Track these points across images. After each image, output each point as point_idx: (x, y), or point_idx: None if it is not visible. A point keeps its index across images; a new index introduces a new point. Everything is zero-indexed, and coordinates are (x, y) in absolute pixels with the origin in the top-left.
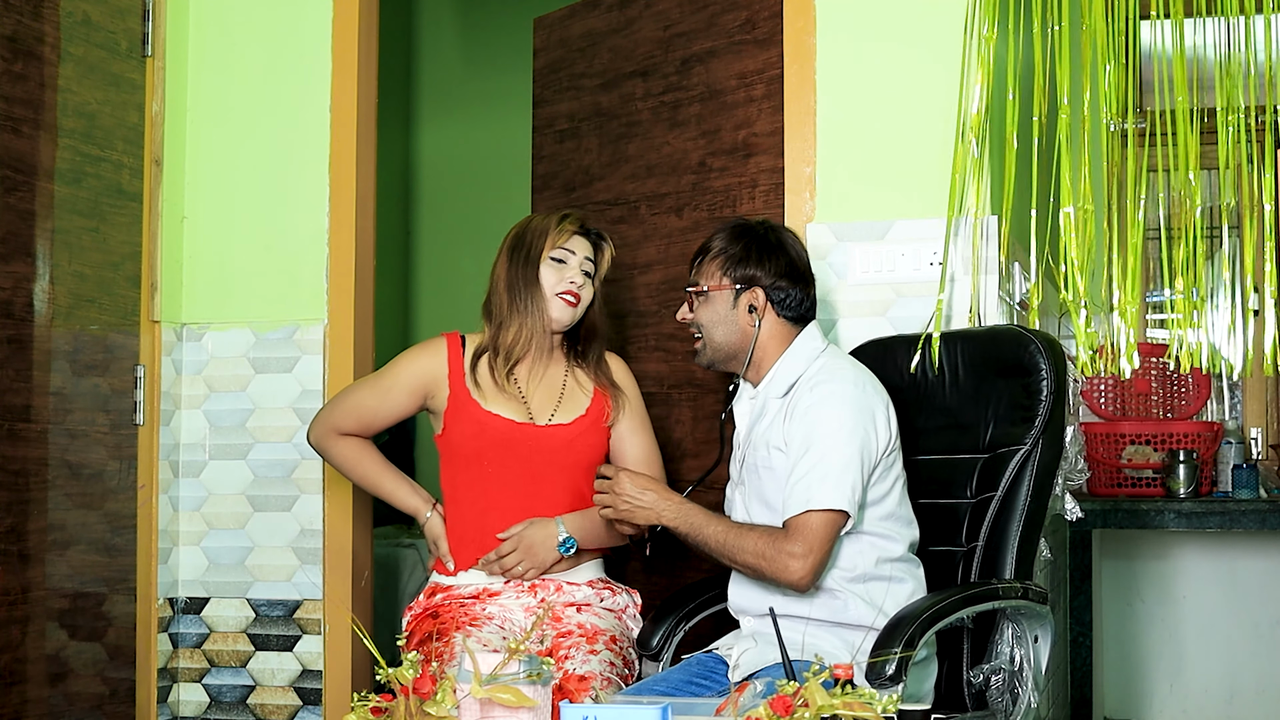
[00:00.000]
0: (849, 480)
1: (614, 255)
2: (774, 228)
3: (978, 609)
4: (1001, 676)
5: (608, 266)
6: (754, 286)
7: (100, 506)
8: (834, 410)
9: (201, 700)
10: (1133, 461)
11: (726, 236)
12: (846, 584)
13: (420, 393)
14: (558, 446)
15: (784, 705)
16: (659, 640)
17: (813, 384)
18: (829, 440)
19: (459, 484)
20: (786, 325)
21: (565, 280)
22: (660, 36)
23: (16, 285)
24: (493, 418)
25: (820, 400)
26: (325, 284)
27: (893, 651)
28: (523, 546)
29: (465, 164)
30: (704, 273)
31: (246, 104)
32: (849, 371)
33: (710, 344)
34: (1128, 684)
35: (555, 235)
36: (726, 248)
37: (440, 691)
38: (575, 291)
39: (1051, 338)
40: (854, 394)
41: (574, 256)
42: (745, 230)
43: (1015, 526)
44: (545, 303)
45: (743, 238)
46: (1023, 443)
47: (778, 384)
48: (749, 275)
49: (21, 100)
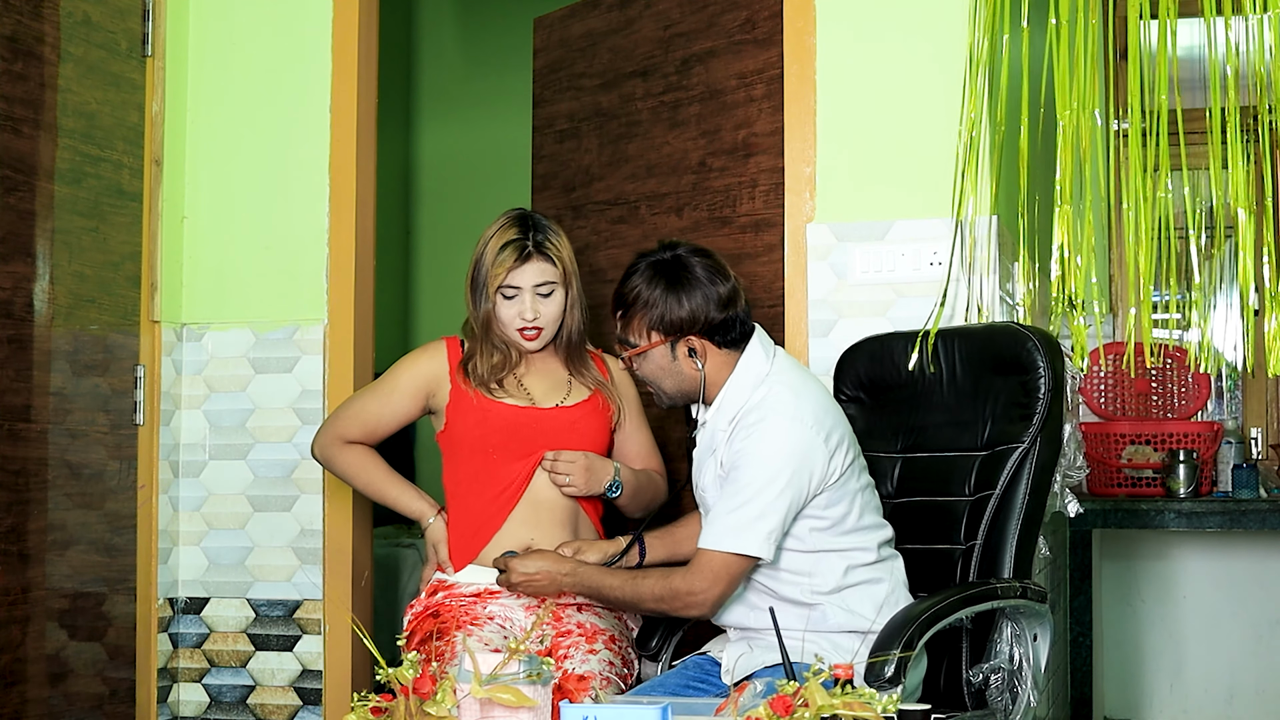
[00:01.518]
0: (765, 528)
1: (569, 248)
2: (681, 259)
3: (976, 609)
4: (1001, 675)
5: (570, 259)
6: (686, 334)
7: (100, 506)
8: (765, 451)
9: (201, 700)
10: (1133, 461)
11: (641, 283)
12: (822, 596)
13: (422, 394)
14: (561, 429)
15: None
16: (657, 640)
17: (749, 420)
18: (754, 485)
19: (462, 478)
20: (730, 353)
21: (518, 317)
22: (660, 36)
23: (16, 285)
24: (495, 404)
25: (754, 439)
26: (325, 284)
27: (891, 653)
28: (582, 464)
29: (465, 164)
30: (631, 330)
31: (246, 104)
32: (788, 404)
33: (664, 393)
34: (1128, 684)
35: (495, 273)
36: (645, 298)
37: (440, 691)
38: (532, 325)
39: (1049, 334)
40: (789, 433)
41: (522, 290)
42: (657, 270)
43: (1014, 525)
44: (510, 335)
45: (657, 281)
46: (1021, 440)
47: (723, 414)
48: (677, 323)
49: (21, 100)
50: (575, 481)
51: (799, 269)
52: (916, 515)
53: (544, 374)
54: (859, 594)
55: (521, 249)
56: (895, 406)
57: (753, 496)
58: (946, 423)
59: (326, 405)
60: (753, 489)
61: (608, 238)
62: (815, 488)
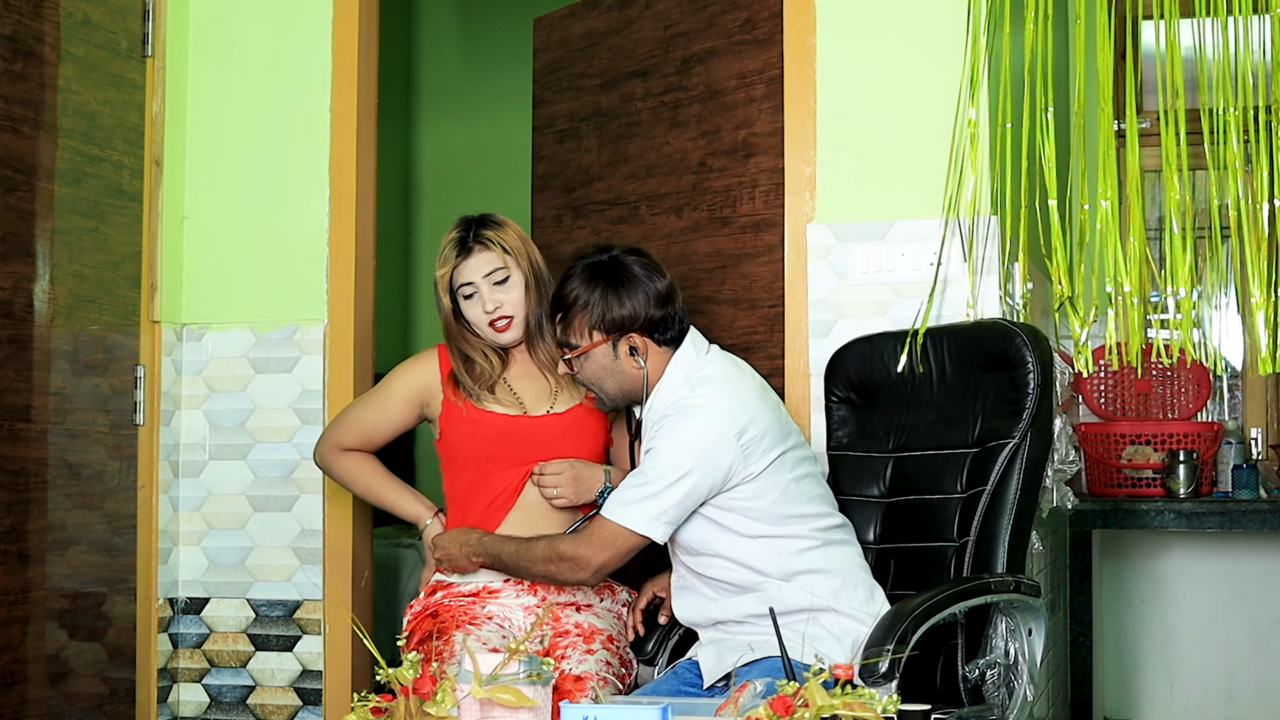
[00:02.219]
0: (656, 508)
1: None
2: (618, 259)
3: (970, 604)
4: (997, 670)
5: (517, 241)
6: (627, 332)
7: (100, 506)
8: (675, 443)
9: (201, 700)
10: (1132, 462)
11: (580, 285)
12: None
13: (416, 404)
14: (554, 436)
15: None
16: (653, 644)
17: (669, 413)
18: (658, 469)
19: (459, 486)
20: (668, 350)
21: (482, 311)
22: (660, 36)
23: (16, 285)
24: (485, 414)
25: (667, 432)
26: (325, 284)
27: (885, 649)
28: (569, 475)
29: (465, 164)
30: (572, 330)
31: (247, 104)
32: (706, 400)
33: (606, 395)
34: (1127, 684)
35: (442, 273)
36: (584, 299)
37: (440, 692)
38: (500, 315)
39: (1037, 330)
40: (701, 428)
41: (475, 282)
42: (595, 272)
43: (1006, 520)
44: (486, 334)
45: (596, 282)
46: (1011, 436)
47: (655, 411)
48: (618, 321)
49: (21, 100)
50: (563, 493)
51: (799, 269)
52: (910, 513)
53: (531, 375)
54: (810, 580)
55: (461, 244)
56: (886, 406)
57: (653, 479)
58: (937, 421)
59: (326, 405)
60: (656, 473)
61: (608, 238)
62: (723, 482)
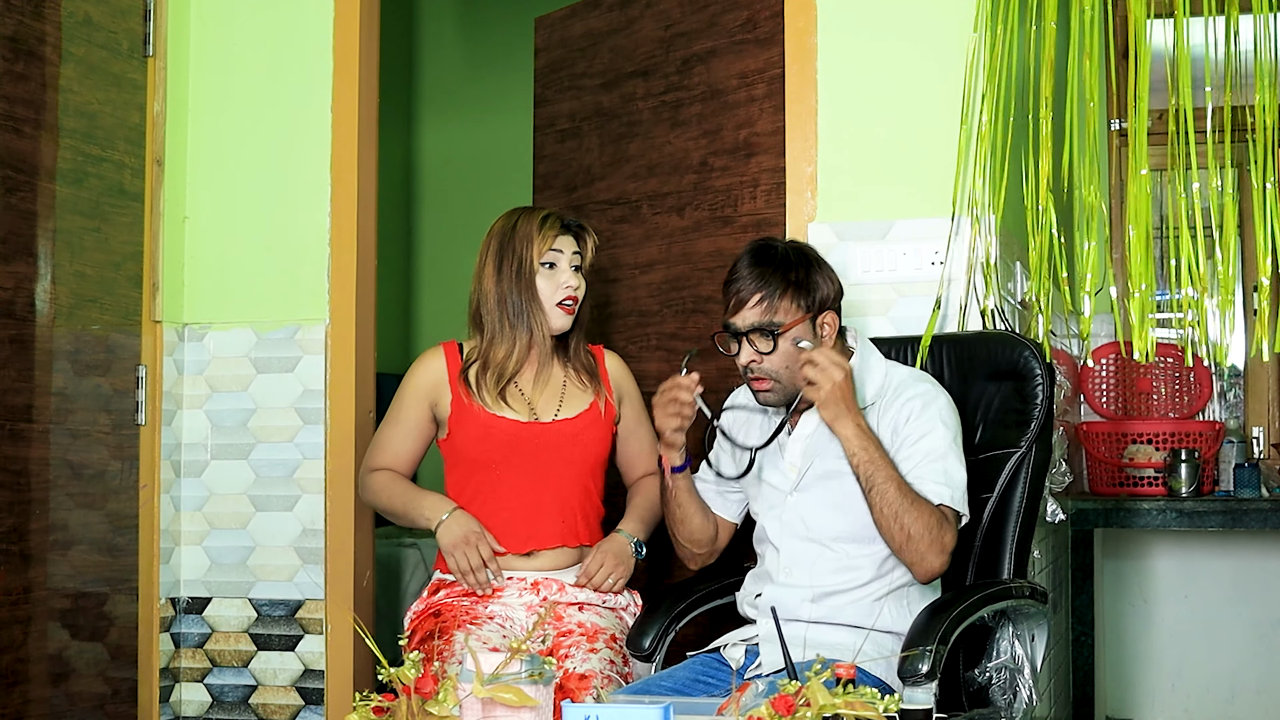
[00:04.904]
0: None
1: (596, 244)
2: (799, 244)
3: (995, 608)
4: (1003, 675)
5: (593, 256)
6: (826, 310)
7: (102, 506)
8: (950, 417)
9: (204, 700)
10: (1134, 461)
11: (779, 264)
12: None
13: (427, 400)
14: (563, 442)
15: (786, 705)
16: (651, 641)
17: (909, 390)
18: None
19: (466, 488)
20: (841, 340)
21: (561, 286)
22: (661, 36)
23: (18, 285)
24: (497, 420)
25: (935, 408)
26: (327, 284)
27: (926, 649)
28: (609, 560)
29: (467, 163)
30: (778, 310)
31: (248, 104)
32: (933, 381)
33: (789, 384)
34: (1129, 683)
35: (541, 240)
36: (791, 278)
37: (442, 691)
38: (573, 295)
39: (1040, 344)
40: (952, 406)
41: (562, 256)
42: (793, 253)
43: (1012, 527)
44: (544, 314)
45: (800, 261)
46: (1018, 445)
47: (882, 399)
48: (822, 300)
49: (23, 100)
50: (618, 575)
51: None
52: None
53: (547, 379)
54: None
55: (562, 220)
56: None
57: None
58: None
59: (328, 405)
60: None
61: (609, 237)
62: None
